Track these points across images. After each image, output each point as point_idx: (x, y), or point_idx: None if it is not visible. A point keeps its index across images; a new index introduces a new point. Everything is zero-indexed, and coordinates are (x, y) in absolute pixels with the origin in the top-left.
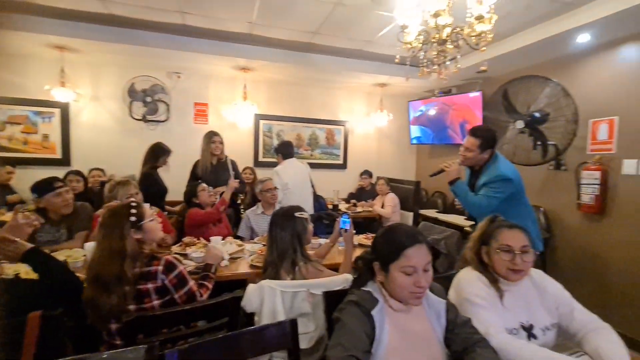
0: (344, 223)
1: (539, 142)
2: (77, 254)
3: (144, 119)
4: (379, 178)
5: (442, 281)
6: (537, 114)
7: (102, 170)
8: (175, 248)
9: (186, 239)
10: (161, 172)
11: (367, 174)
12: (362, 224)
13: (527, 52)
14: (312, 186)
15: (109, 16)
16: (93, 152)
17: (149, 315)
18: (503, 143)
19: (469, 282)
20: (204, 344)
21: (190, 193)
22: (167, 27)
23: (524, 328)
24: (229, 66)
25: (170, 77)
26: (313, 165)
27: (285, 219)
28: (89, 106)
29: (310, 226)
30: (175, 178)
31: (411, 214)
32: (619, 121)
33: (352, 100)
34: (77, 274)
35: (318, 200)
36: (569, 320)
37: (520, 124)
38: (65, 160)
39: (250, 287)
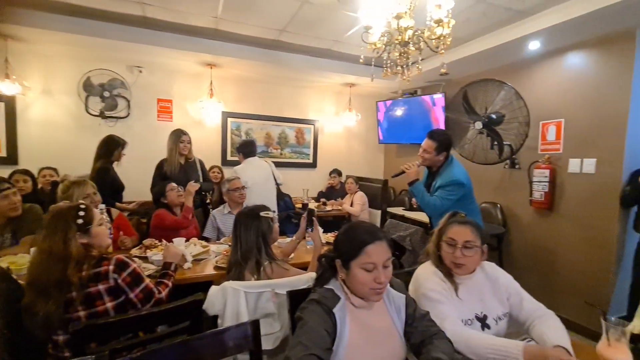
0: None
1: (495, 143)
2: (22, 260)
3: (101, 115)
4: (348, 177)
5: (405, 276)
6: (493, 116)
7: (54, 169)
8: (135, 251)
9: (146, 241)
10: (117, 168)
11: (336, 172)
12: (332, 223)
13: (485, 56)
14: (277, 184)
15: (59, 4)
16: (44, 150)
17: (99, 323)
18: (464, 143)
19: (425, 277)
20: (160, 351)
21: (159, 193)
22: (126, 19)
23: (478, 319)
24: (194, 62)
25: (131, 72)
26: (282, 164)
27: (249, 218)
28: (39, 100)
29: (276, 225)
30: (135, 176)
31: (379, 212)
32: (565, 123)
33: (322, 99)
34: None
35: (283, 198)
36: (518, 309)
37: (479, 125)
38: (11, 159)
39: (213, 289)
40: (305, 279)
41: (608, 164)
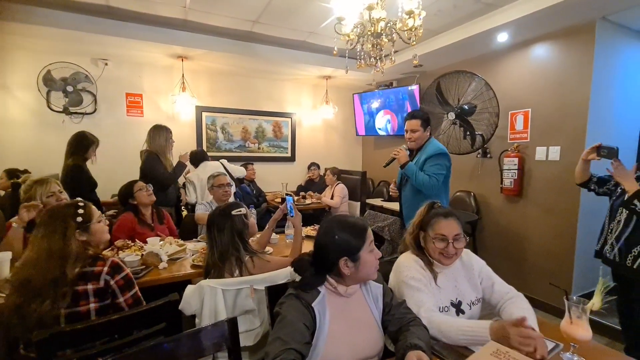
0: (288, 205)
1: (468, 133)
2: None
3: (65, 111)
4: (327, 169)
5: (385, 266)
6: (465, 107)
7: (16, 170)
8: (107, 253)
9: (119, 242)
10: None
11: (315, 166)
12: (312, 216)
13: (456, 48)
14: (231, 176)
15: None
16: (3, 151)
17: (66, 330)
18: (439, 134)
19: (406, 265)
20: (134, 355)
21: (127, 193)
22: (88, 8)
23: (453, 305)
24: (163, 54)
25: (96, 65)
26: (261, 159)
27: (222, 218)
28: None
29: (252, 219)
30: (104, 173)
31: (358, 204)
32: (532, 113)
33: (299, 92)
34: None
35: (239, 185)
36: (490, 293)
37: (452, 116)
38: None
39: (189, 289)
40: (284, 274)
41: (571, 151)
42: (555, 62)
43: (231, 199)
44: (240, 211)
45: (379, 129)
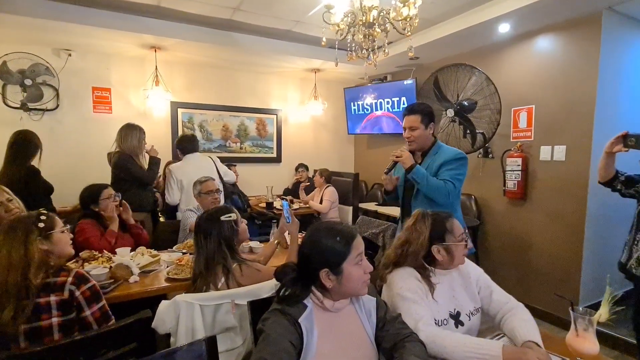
0: (285, 211)
1: (468, 131)
2: None
3: (24, 107)
4: (316, 171)
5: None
6: (465, 103)
7: None
8: (71, 265)
9: (84, 253)
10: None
11: (303, 167)
12: (300, 222)
13: (455, 40)
14: (222, 183)
15: None
16: None
17: (24, 354)
18: (437, 132)
19: (401, 276)
20: None
21: (91, 198)
22: None
23: (451, 316)
24: (134, 44)
25: (58, 56)
26: (243, 160)
27: (209, 224)
28: None
29: (243, 225)
30: (67, 176)
31: (351, 209)
32: (536, 109)
33: (285, 86)
34: None
35: (231, 196)
36: (488, 302)
37: (450, 113)
38: None
39: (163, 305)
40: (269, 287)
41: (577, 150)
42: (559, 55)
43: None
44: (230, 216)
45: (373, 127)
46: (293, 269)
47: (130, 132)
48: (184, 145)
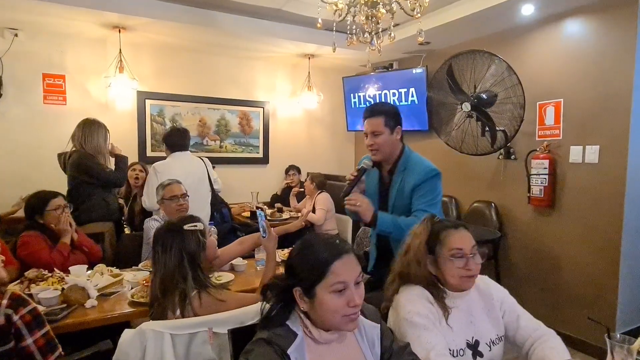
0: (260, 223)
1: (487, 128)
2: None
3: None
4: (309, 174)
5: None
6: (484, 95)
7: None
8: (14, 286)
9: (31, 273)
10: None
11: (294, 169)
12: (291, 235)
13: (471, 22)
14: (212, 191)
15: None
16: None
17: None
18: (451, 129)
19: (408, 299)
20: None
21: (35, 207)
22: None
23: (469, 346)
24: (94, 22)
25: (1, 36)
26: (223, 161)
27: (168, 235)
28: None
29: (212, 238)
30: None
31: (350, 219)
32: (565, 104)
33: (274, 74)
34: None
35: (220, 209)
36: (514, 329)
37: (467, 107)
38: None
39: (126, 335)
40: (253, 313)
41: (612, 151)
42: (591, 41)
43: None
44: (195, 226)
45: None
46: (280, 286)
47: (96, 130)
48: (174, 140)
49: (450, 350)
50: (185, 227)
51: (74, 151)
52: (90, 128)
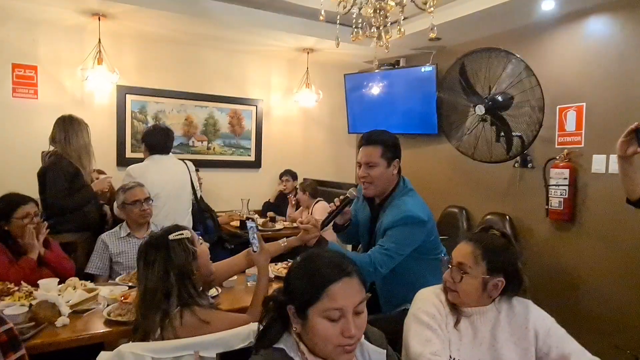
0: (250, 235)
1: (502, 133)
2: None
3: None
4: (304, 180)
5: (385, 323)
6: (499, 97)
7: None
8: None
9: None
10: None
11: (289, 174)
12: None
13: (487, 18)
14: (196, 198)
15: None
16: None
17: None
18: (462, 134)
19: (424, 297)
20: None
21: (2, 212)
22: None
23: None
24: (71, 9)
25: None
26: (212, 164)
27: (151, 249)
28: None
29: (203, 247)
30: None
31: None
32: (587, 108)
33: (268, 70)
34: None
35: (204, 221)
36: None
37: (480, 110)
38: None
39: (103, 357)
40: (244, 335)
41: (639, 161)
42: (617, 41)
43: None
44: (181, 234)
45: (380, 124)
46: (279, 298)
47: (80, 128)
48: (155, 140)
49: (451, 358)
50: (171, 237)
51: (54, 153)
52: (71, 126)
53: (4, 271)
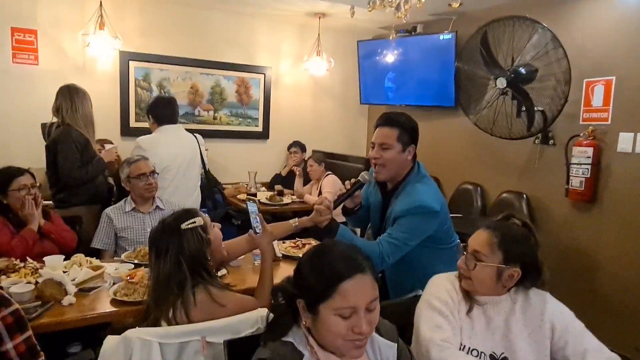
0: (252, 217)
1: (523, 108)
2: None
3: None
4: (314, 152)
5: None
6: (522, 70)
7: None
8: None
9: (0, 262)
10: None
11: (297, 146)
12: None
13: None
14: (205, 173)
15: None
16: None
17: None
18: (481, 107)
19: (437, 283)
20: None
21: None
22: None
23: (493, 358)
24: None
25: None
26: (217, 135)
27: (163, 238)
28: None
29: (216, 231)
30: None
31: None
32: (616, 83)
33: (278, 36)
34: None
35: (212, 196)
36: None
37: (502, 83)
38: None
39: (109, 342)
40: (251, 321)
41: None
42: None
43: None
44: (194, 222)
45: (395, 95)
46: (289, 290)
47: (84, 96)
48: (160, 111)
49: (462, 345)
50: (183, 226)
51: (62, 123)
52: (77, 94)
53: (5, 242)
